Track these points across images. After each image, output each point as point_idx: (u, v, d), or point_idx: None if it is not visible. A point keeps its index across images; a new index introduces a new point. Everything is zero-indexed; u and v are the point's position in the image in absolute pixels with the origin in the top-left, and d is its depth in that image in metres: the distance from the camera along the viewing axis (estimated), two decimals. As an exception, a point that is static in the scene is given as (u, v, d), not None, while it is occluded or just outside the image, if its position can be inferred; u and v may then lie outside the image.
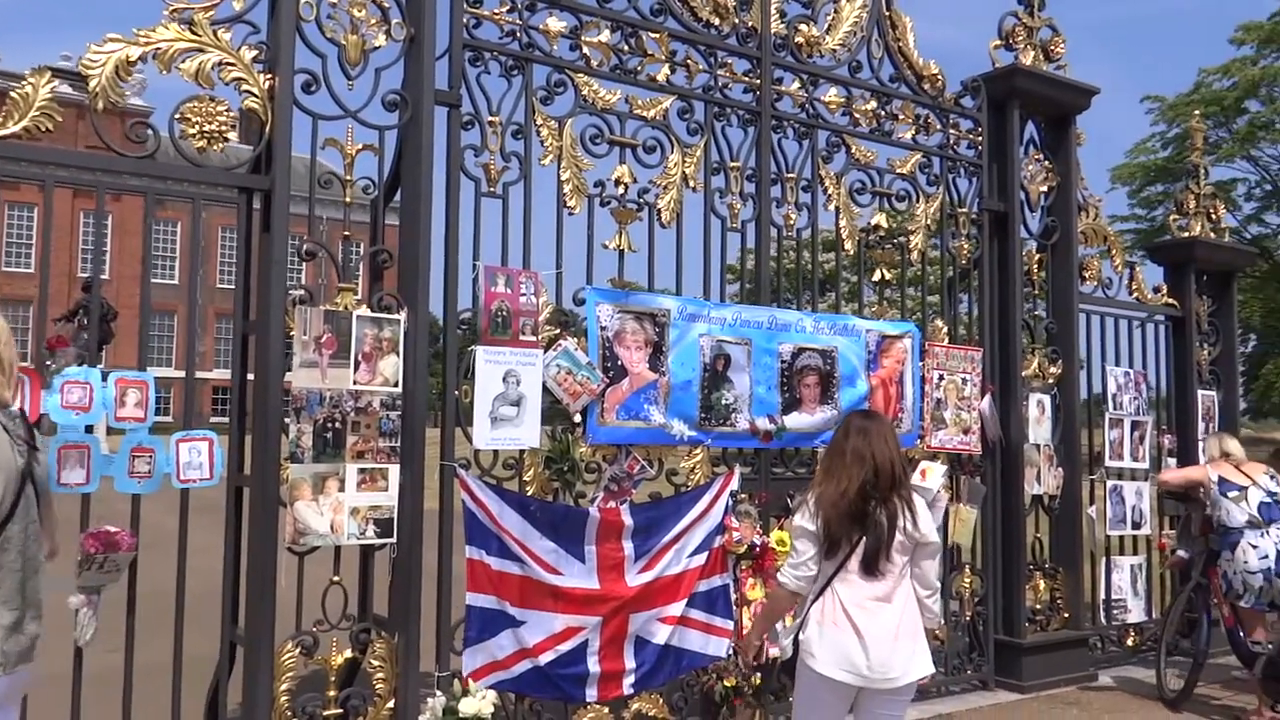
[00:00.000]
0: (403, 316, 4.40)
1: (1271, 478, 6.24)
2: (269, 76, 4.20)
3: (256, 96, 4.18)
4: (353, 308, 4.33)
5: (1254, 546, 5.90)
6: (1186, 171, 8.59)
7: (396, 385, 4.34)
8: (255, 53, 4.20)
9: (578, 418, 4.84)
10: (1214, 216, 8.35)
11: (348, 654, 4.33)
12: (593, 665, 4.74)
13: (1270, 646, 5.70)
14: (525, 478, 4.77)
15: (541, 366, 4.72)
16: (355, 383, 4.22)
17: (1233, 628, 6.14)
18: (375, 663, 4.34)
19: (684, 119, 5.48)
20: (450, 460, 4.51)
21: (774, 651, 4.89)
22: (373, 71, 4.50)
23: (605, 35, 5.21)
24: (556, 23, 5.05)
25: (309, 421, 4.11)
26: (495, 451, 4.70)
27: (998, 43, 6.90)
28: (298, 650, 4.18)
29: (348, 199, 4.48)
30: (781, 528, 5.42)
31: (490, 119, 4.84)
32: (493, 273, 4.65)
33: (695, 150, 5.47)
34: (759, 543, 5.25)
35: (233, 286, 4.44)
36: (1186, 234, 8.18)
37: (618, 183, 5.20)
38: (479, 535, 4.50)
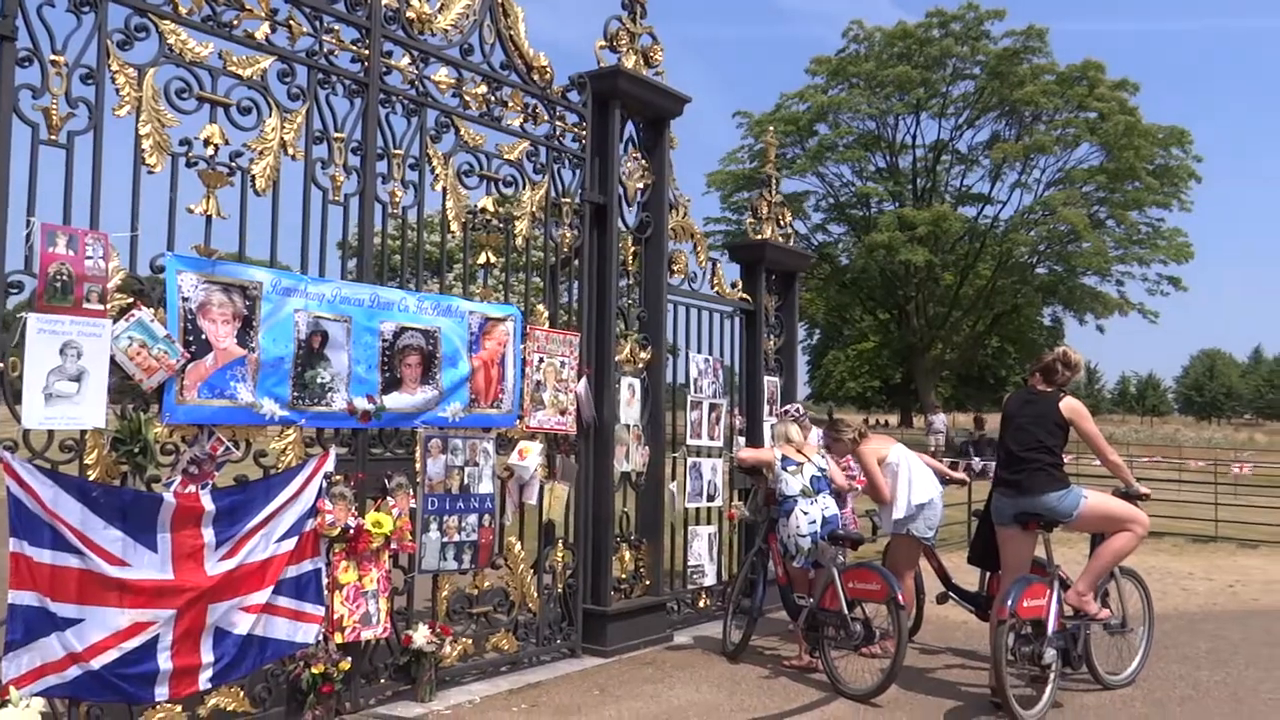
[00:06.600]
0: (-70, 275, 3.75)
1: (823, 456, 7.09)
2: None
3: None
4: None
5: (805, 513, 6.65)
6: (761, 181, 9.49)
7: (-80, 355, 3.70)
8: None
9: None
10: (783, 222, 9.30)
11: None
12: (164, 662, 4.35)
13: (811, 601, 6.47)
14: (87, 461, 4.27)
15: (109, 338, 4.23)
16: None
17: (785, 586, 6.90)
18: (-116, 678, 3.68)
19: (285, 82, 5.15)
20: (-9, 442, 3.92)
21: None
22: (-104, -15, 3.79)
23: (196, -18, 4.77)
24: (138, -40, 4.54)
25: None
26: (50, 432, 4.15)
27: (603, 43, 7.18)
28: None
29: None
30: (378, 509, 5.30)
31: (53, 58, 4.26)
32: (52, 231, 4.09)
33: (296, 116, 5.17)
34: (354, 525, 5.10)
35: None
36: (760, 237, 9.04)
37: (207, 143, 4.78)
38: (26, 526, 3.96)
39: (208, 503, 4.52)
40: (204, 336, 4.57)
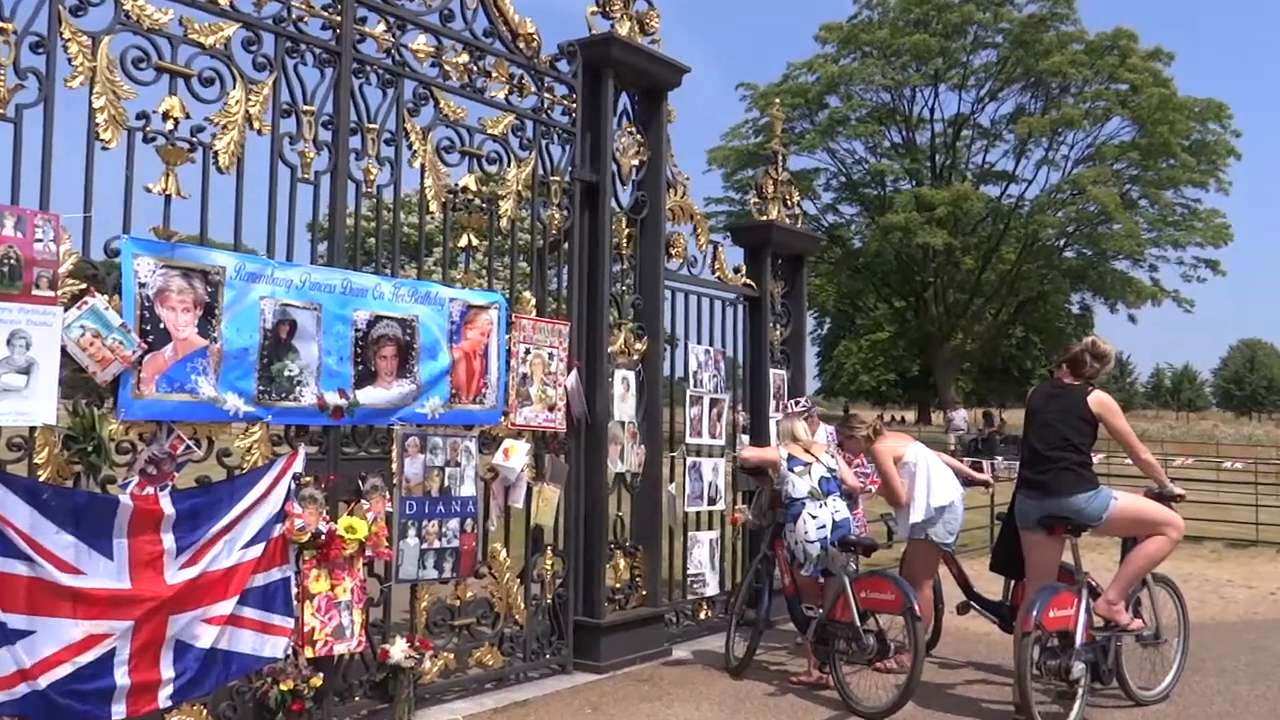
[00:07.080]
0: None
1: (832, 456, 7.07)
2: None
3: None
4: None
5: (814, 517, 6.64)
6: (767, 158, 9.46)
7: None
8: None
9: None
10: (790, 202, 9.28)
11: None
12: (121, 677, 4.33)
13: (820, 612, 6.46)
14: (37, 460, 4.25)
15: (61, 327, 4.21)
16: None
17: (792, 595, 6.89)
18: None
19: (250, 51, 5.13)
20: (-69, 440, 3.90)
21: None
22: None
23: (153, -57, 4.74)
24: (90, -79, 4.50)
25: None
26: (-3, 429, 4.14)
27: (595, 9, 7.14)
28: None
29: None
30: (351, 513, 5.28)
31: (1, 25, 4.22)
32: (-2, 212, 4.08)
33: (263, 88, 5.14)
34: (325, 530, 5.08)
35: None
36: (765, 218, 9.01)
37: (166, 116, 4.75)
38: (-30, 531, 3.95)
39: (167, 506, 4.50)
40: (162, 326, 4.55)
